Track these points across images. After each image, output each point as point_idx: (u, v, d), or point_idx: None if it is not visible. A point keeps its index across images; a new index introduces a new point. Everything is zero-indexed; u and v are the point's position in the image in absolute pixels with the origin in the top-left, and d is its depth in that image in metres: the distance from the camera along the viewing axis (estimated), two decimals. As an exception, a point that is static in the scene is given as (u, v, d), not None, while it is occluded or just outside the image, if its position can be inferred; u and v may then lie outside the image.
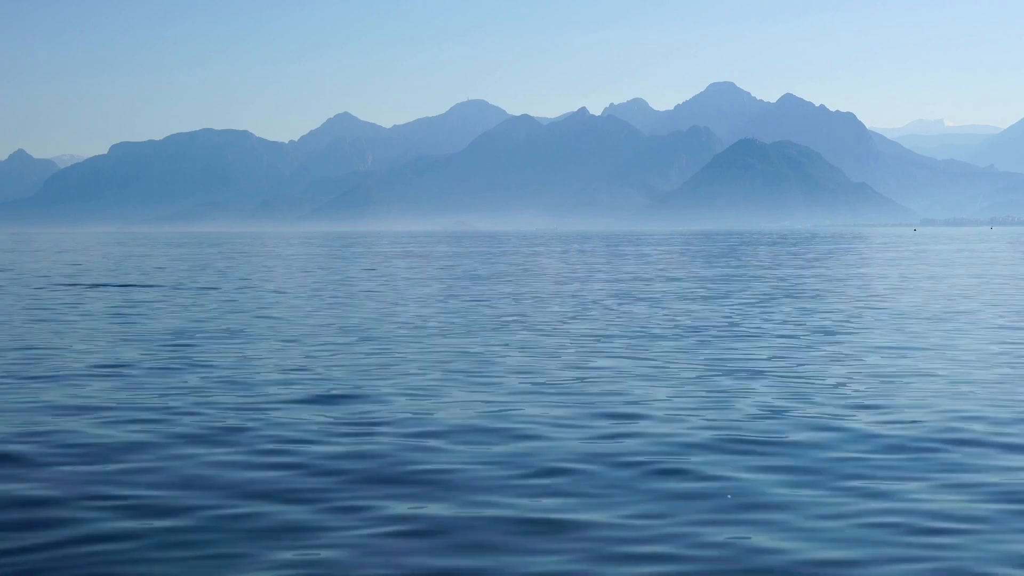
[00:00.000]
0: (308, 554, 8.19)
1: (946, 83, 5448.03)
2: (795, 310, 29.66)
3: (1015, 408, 13.83)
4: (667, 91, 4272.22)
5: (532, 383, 16.09)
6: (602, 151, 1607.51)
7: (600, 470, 10.50)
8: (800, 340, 21.93)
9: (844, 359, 18.76)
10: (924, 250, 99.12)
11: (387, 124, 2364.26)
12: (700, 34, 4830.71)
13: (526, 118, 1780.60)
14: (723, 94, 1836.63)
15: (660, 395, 14.95)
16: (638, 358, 19.01)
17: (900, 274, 51.50)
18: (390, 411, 13.69)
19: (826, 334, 23.05)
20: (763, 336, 22.71)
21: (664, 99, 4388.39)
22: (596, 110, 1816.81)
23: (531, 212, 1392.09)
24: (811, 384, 15.85)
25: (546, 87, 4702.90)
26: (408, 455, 11.21)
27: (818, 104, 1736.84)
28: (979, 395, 14.89)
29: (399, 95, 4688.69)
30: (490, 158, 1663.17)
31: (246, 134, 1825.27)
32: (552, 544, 8.38)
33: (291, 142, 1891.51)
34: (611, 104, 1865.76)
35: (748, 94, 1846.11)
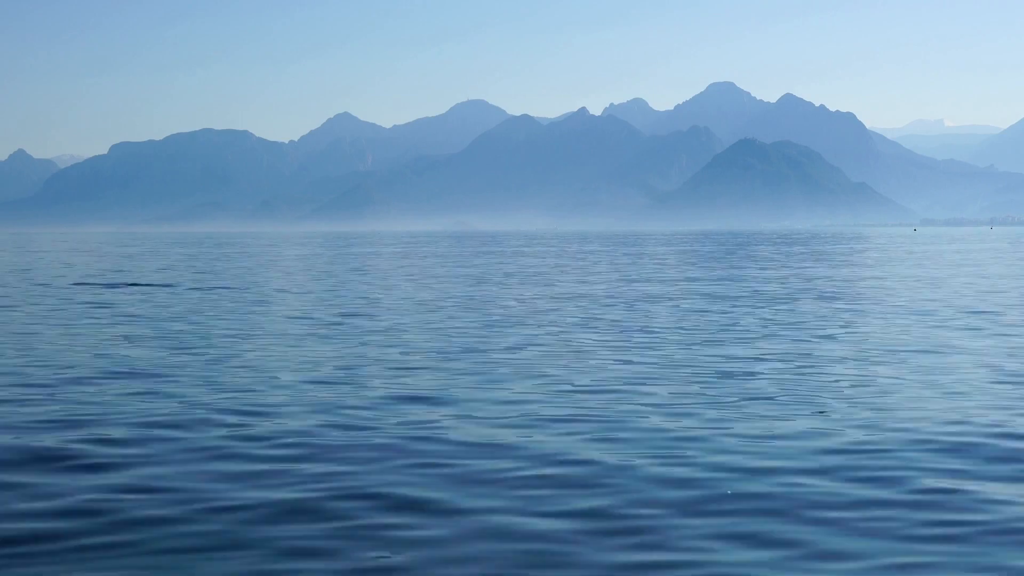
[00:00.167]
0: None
1: (946, 83, 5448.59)
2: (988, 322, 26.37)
3: None
4: (667, 91, 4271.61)
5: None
6: (602, 151, 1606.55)
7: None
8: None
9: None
10: (956, 250, 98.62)
11: (387, 124, 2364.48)
12: (700, 34, 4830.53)
13: (526, 118, 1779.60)
14: (723, 94, 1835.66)
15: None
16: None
17: (982, 274, 50.40)
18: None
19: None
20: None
21: (664, 99, 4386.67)
22: (596, 110, 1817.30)
23: (531, 212, 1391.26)
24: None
25: (546, 87, 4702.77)
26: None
27: (818, 104, 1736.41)
28: None
29: (399, 95, 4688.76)
30: (490, 158, 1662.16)
31: (246, 134, 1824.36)
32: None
33: (291, 142, 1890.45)
34: (611, 104, 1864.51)
35: (748, 94, 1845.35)
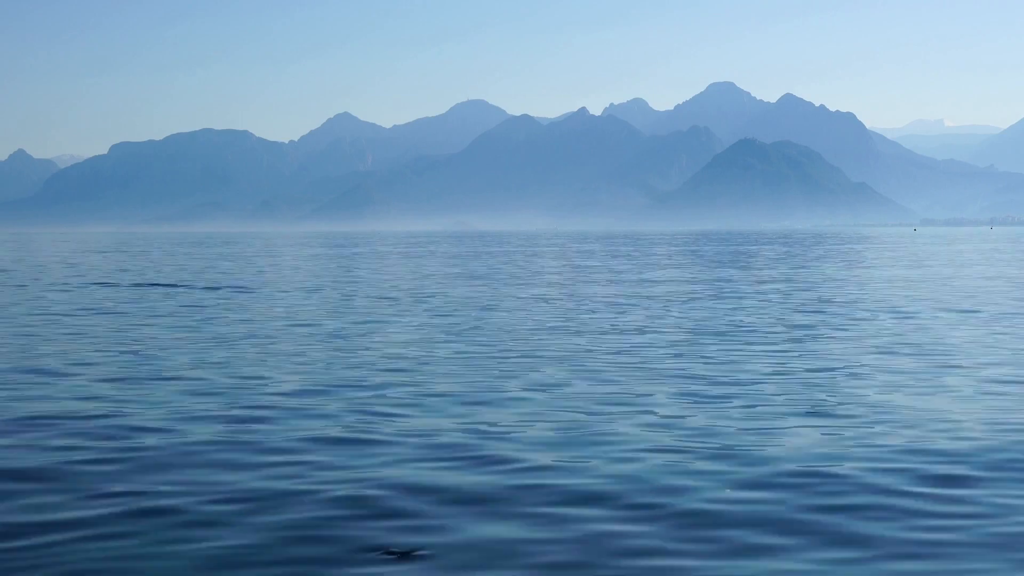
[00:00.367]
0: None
1: (946, 83, 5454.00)
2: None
3: None
4: (667, 91, 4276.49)
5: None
6: (602, 151, 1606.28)
7: None
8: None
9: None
10: (979, 249, 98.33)
11: (387, 124, 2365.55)
12: (700, 34, 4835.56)
13: (526, 118, 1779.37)
14: (723, 94, 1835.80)
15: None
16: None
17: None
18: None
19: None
20: None
21: (664, 99, 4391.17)
22: (596, 110, 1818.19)
23: (531, 212, 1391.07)
24: None
25: (546, 87, 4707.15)
26: None
27: (818, 104, 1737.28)
28: None
29: (399, 95, 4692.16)
30: (490, 158, 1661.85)
31: (246, 134, 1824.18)
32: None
33: (291, 142, 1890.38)
34: (611, 104, 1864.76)
35: (748, 94, 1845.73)
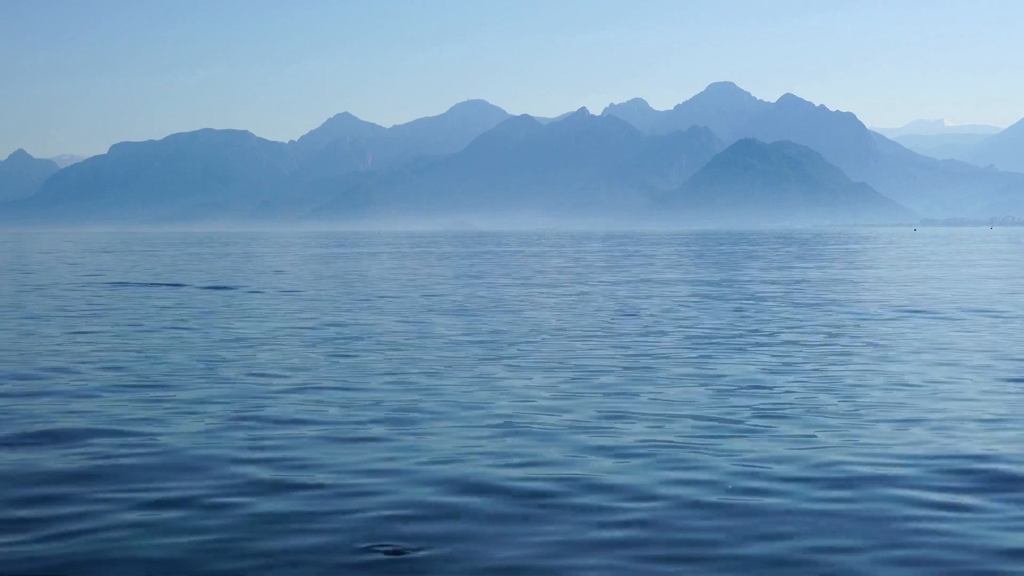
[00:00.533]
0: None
1: (946, 83, 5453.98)
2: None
3: None
4: (667, 91, 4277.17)
5: None
6: (602, 151, 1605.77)
7: None
8: None
9: None
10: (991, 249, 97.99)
11: (387, 124, 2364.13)
12: (700, 34, 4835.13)
13: (526, 118, 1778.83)
14: (723, 94, 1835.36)
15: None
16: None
17: None
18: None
19: None
20: None
21: (664, 99, 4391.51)
22: (596, 110, 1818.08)
23: (531, 212, 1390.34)
24: None
25: (546, 87, 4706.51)
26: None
27: (818, 104, 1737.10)
28: None
29: (399, 95, 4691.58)
30: (490, 158, 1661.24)
31: (246, 134, 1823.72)
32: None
33: (291, 142, 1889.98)
34: (611, 104, 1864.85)
35: (748, 94, 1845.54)
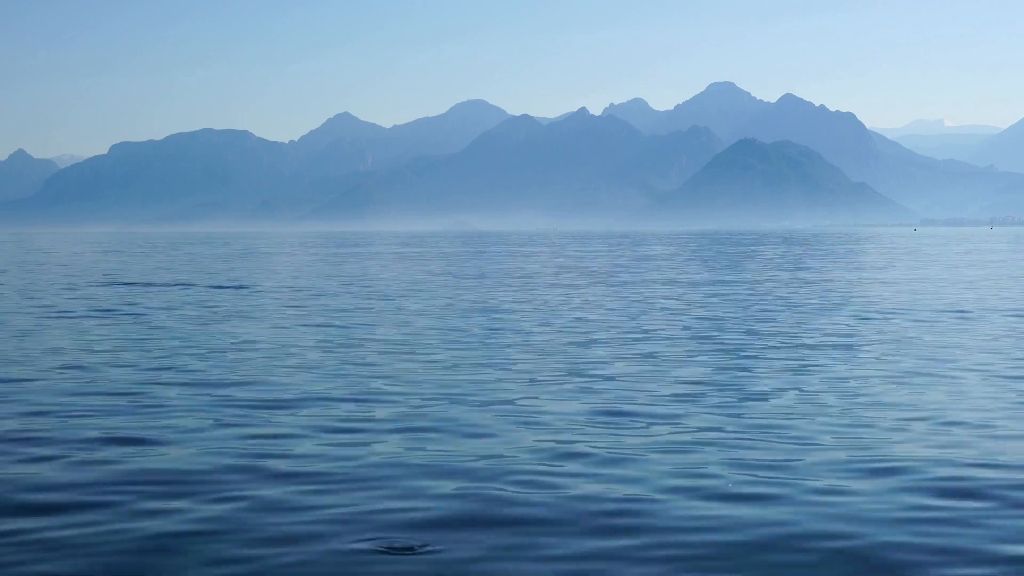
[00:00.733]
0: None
1: (946, 83, 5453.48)
2: None
3: None
4: (667, 91, 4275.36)
5: None
6: (602, 151, 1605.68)
7: None
8: None
9: None
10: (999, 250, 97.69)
11: (387, 124, 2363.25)
12: (700, 34, 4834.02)
13: (526, 118, 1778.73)
14: (723, 94, 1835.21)
15: None
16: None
17: None
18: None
19: None
20: None
21: (664, 99, 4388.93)
22: (596, 110, 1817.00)
23: (531, 212, 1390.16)
24: None
25: (546, 87, 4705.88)
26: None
27: (818, 104, 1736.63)
28: None
29: (399, 95, 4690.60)
30: (490, 158, 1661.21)
31: (246, 134, 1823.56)
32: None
33: (291, 142, 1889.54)
34: (611, 104, 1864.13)
35: (748, 94, 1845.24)
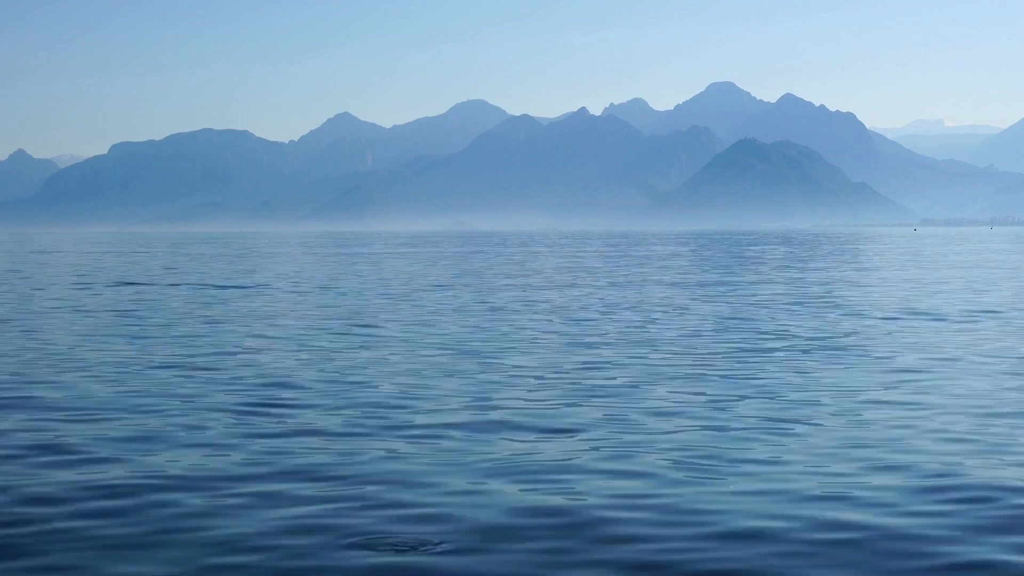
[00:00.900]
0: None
1: (946, 83, 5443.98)
2: None
3: None
4: (667, 91, 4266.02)
5: None
6: (602, 151, 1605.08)
7: None
8: None
9: None
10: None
11: (387, 124, 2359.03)
12: (700, 34, 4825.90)
13: (526, 118, 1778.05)
14: (723, 94, 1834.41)
15: None
16: None
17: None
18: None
19: None
20: None
21: (664, 99, 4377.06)
22: (596, 110, 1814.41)
23: (531, 212, 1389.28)
24: None
25: (546, 87, 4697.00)
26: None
27: (818, 104, 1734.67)
28: None
29: (399, 95, 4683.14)
30: (490, 158, 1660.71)
31: (246, 134, 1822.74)
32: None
33: (291, 142, 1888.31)
34: (611, 104, 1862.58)
35: (748, 94, 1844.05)
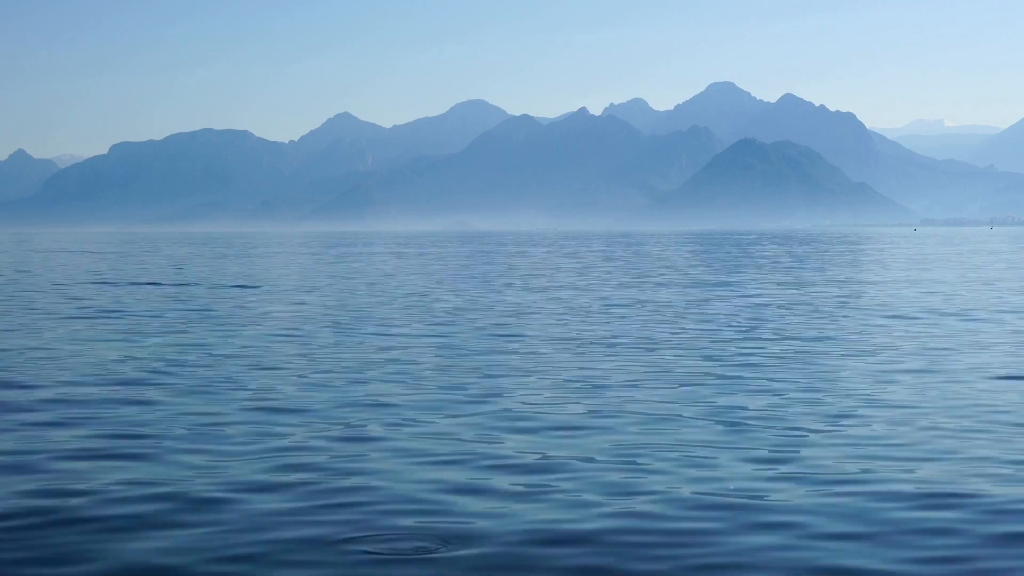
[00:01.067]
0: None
1: (946, 83, 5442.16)
2: None
3: None
4: (667, 91, 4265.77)
5: None
6: (602, 151, 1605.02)
7: None
8: None
9: None
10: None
11: (387, 124, 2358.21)
12: (700, 34, 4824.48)
13: (526, 118, 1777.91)
14: (723, 94, 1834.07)
15: None
16: None
17: None
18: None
19: None
20: None
21: (664, 99, 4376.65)
22: (596, 110, 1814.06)
23: (531, 212, 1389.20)
24: None
25: (546, 87, 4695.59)
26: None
27: (818, 104, 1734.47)
28: None
29: (399, 95, 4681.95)
30: (490, 158, 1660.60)
31: (246, 134, 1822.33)
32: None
33: (291, 142, 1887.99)
34: (611, 104, 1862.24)
35: (748, 94, 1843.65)
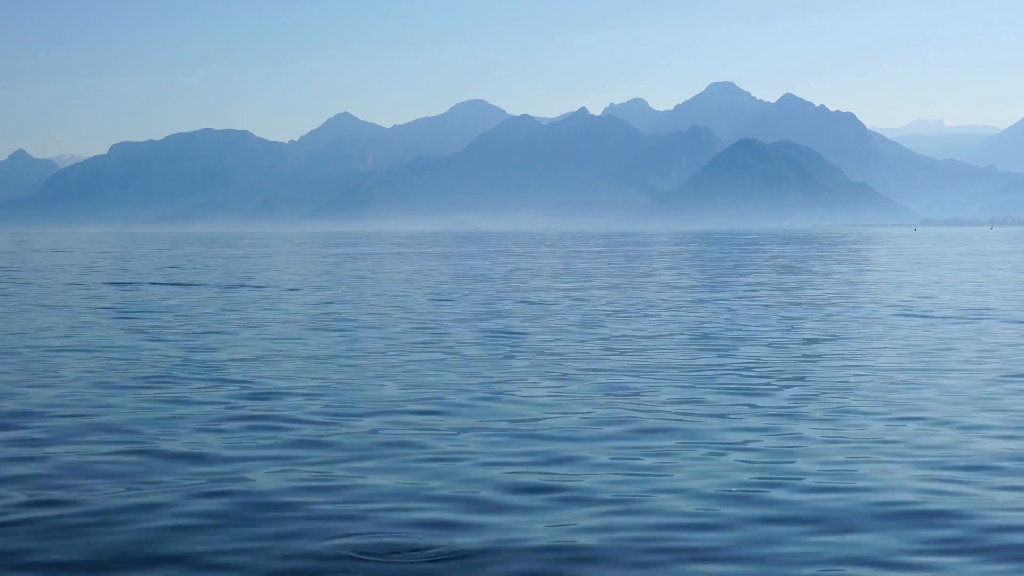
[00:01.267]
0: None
1: (946, 83, 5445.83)
2: None
3: None
4: (667, 91, 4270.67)
5: None
6: (602, 151, 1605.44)
7: None
8: None
9: None
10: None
11: (387, 124, 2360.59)
12: (700, 34, 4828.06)
13: (526, 118, 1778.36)
14: (723, 94, 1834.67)
15: None
16: None
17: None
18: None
19: None
20: None
21: (664, 99, 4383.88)
22: (596, 110, 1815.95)
23: (531, 212, 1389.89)
24: None
25: (546, 87, 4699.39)
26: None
27: (818, 104, 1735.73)
28: None
29: (399, 95, 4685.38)
30: (490, 158, 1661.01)
31: (246, 134, 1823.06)
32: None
33: (291, 142, 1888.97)
34: (611, 104, 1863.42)
35: (748, 94, 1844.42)
